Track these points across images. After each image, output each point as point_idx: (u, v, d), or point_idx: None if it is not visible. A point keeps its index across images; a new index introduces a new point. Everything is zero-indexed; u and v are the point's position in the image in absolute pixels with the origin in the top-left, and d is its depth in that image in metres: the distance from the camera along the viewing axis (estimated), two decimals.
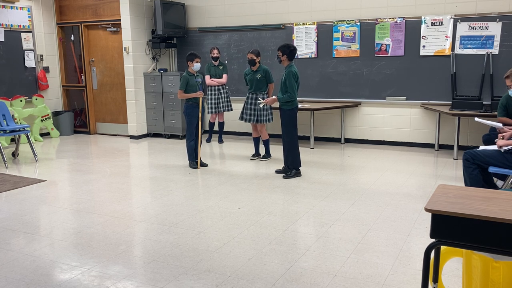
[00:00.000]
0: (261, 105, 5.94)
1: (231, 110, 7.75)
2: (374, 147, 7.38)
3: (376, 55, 7.29)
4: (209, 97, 7.56)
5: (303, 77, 7.48)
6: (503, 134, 4.10)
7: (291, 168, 5.61)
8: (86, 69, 9.03)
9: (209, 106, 7.57)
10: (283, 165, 5.80)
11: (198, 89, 6.02)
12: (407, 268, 3.14)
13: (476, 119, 4.62)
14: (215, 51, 7.60)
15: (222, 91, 7.59)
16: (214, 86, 7.53)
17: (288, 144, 5.58)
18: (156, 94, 8.44)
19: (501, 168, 3.91)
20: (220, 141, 8.01)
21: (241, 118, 6.45)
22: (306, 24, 7.71)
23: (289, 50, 5.44)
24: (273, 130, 8.16)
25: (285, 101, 5.44)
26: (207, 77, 7.51)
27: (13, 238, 3.79)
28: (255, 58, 6.18)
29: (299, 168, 5.65)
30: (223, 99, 7.61)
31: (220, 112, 7.66)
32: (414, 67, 7.07)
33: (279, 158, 6.58)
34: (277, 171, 5.81)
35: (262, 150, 6.75)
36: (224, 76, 7.63)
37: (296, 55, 5.69)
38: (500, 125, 4.43)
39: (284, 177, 5.55)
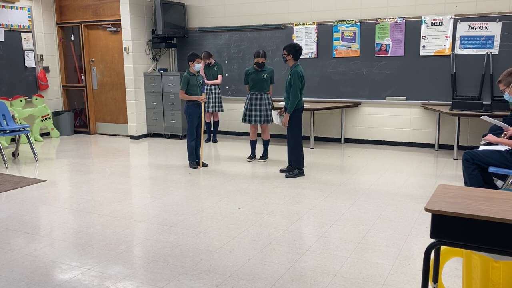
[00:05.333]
0: (276, 122, 6.03)
1: (222, 111, 7.76)
2: (374, 147, 7.38)
3: (376, 55, 7.29)
4: None
5: None
6: (506, 132, 4.09)
7: (294, 167, 5.61)
8: (86, 69, 9.03)
9: None
10: (287, 164, 5.79)
11: (199, 89, 6.02)
12: (407, 268, 3.14)
13: (483, 117, 4.59)
14: (207, 60, 7.53)
15: (214, 91, 7.60)
16: (208, 85, 7.56)
17: (293, 144, 5.58)
18: (156, 94, 8.44)
19: (501, 168, 3.90)
20: (214, 140, 8.01)
21: (244, 120, 6.31)
22: (306, 24, 7.71)
23: (295, 50, 5.43)
24: (274, 130, 8.15)
25: (292, 108, 5.44)
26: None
27: (13, 238, 3.79)
28: (264, 61, 6.18)
29: (302, 168, 5.65)
30: (214, 99, 7.62)
31: (210, 111, 7.66)
32: (414, 67, 7.07)
33: (278, 159, 6.58)
34: (281, 170, 5.81)
35: (258, 153, 6.73)
36: (219, 77, 7.64)
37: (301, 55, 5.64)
38: (506, 125, 4.40)
39: (286, 177, 5.55)
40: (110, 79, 8.93)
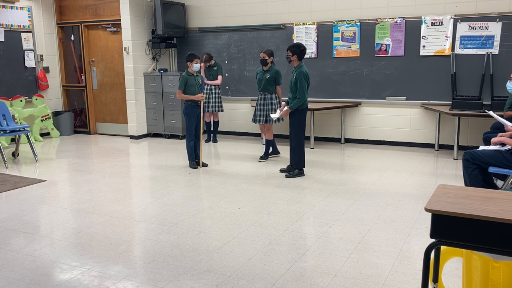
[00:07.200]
0: (274, 118, 5.90)
1: (222, 111, 7.76)
2: (374, 147, 7.38)
3: (376, 55, 7.29)
4: None
5: None
6: (503, 133, 4.09)
7: (295, 167, 5.62)
8: (86, 69, 9.02)
9: None
10: (288, 164, 5.79)
11: (197, 89, 6.02)
12: (407, 268, 3.14)
13: (489, 112, 4.61)
14: (208, 63, 7.56)
15: (214, 91, 7.61)
16: (207, 85, 7.57)
17: (295, 144, 5.59)
18: (156, 94, 8.44)
19: (501, 168, 3.90)
20: (214, 140, 8.01)
21: (254, 120, 6.43)
22: (306, 24, 7.71)
23: (300, 50, 5.44)
24: (276, 130, 8.14)
25: (296, 107, 5.43)
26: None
27: (13, 238, 3.79)
28: (267, 57, 6.16)
29: (303, 168, 5.65)
30: (214, 99, 7.62)
31: (210, 111, 7.66)
32: (414, 67, 7.06)
33: (278, 159, 6.57)
34: (281, 170, 5.81)
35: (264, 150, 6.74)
36: (219, 77, 7.65)
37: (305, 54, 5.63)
38: (510, 123, 4.37)
39: (286, 176, 5.56)
40: (110, 79, 8.93)
